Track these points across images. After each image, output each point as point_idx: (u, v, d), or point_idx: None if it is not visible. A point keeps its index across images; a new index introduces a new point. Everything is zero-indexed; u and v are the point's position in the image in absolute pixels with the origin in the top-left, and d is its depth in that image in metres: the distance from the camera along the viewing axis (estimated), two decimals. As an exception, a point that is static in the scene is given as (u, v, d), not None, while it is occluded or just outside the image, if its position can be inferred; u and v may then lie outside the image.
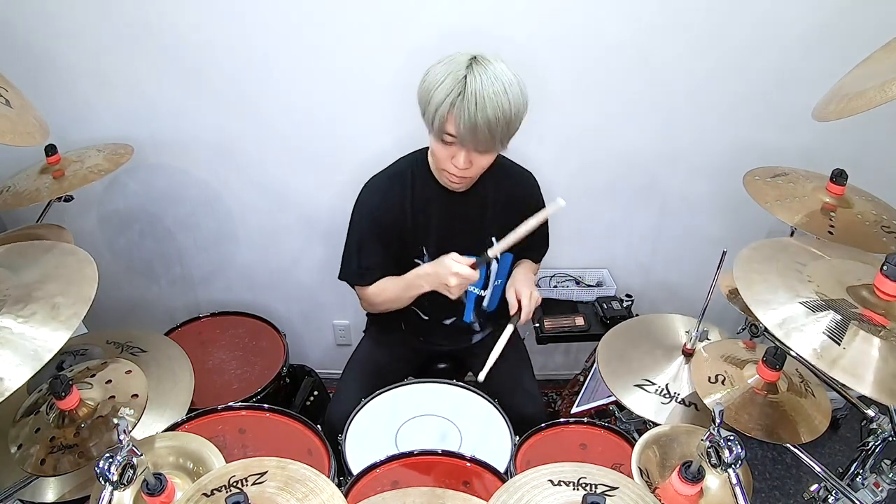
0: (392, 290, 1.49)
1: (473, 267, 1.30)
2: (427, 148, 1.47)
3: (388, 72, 1.72)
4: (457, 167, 1.30)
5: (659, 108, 1.81)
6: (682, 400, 1.29)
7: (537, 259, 1.70)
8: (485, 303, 1.61)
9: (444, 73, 1.21)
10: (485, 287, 1.58)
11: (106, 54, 1.70)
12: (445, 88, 1.20)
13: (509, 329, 1.37)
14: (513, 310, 1.42)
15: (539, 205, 1.58)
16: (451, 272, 1.29)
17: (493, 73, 1.21)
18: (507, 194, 1.44)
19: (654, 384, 1.33)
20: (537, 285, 2.07)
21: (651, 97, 1.79)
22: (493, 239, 1.53)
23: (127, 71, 1.72)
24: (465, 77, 1.19)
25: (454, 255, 1.32)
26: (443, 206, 1.46)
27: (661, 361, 1.38)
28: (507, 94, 1.20)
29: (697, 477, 0.95)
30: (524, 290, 1.43)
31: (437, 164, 1.37)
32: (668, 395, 1.30)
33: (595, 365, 1.70)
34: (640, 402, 1.30)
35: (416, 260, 1.50)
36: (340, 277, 1.56)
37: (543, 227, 1.65)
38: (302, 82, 1.76)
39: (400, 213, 1.44)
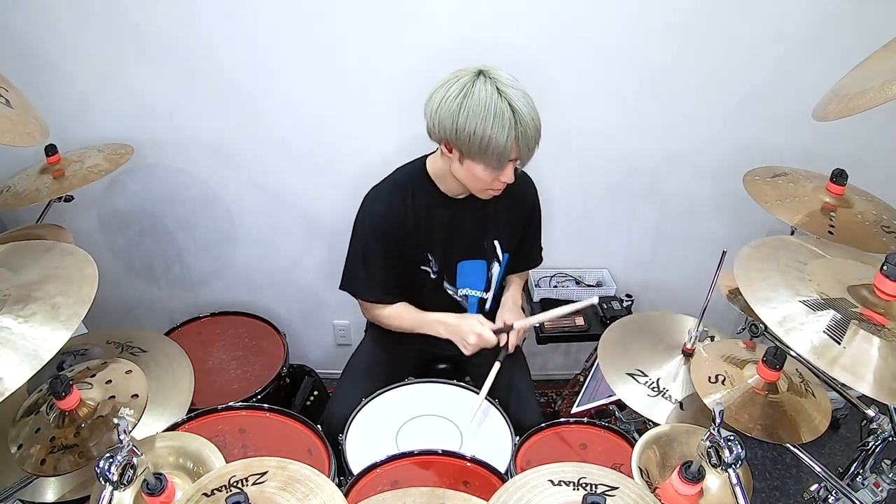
0: (407, 321, 1.53)
1: (496, 332, 1.42)
2: (424, 157, 1.47)
3: (390, 73, 1.72)
4: (506, 181, 1.32)
5: (659, 108, 1.81)
6: (670, 397, 1.29)
7: (533, 265, 1.70)
8: (487, 305, 1.62)
9: (480, 106, 1.20)
10: (487, 289, 1.58)
11: (106, 54, 1.70)
12: (500, 125, 1.20)
13: (496, 367, 1.44)
14: (501, 341, 1.48)
15: (536, 203, 1.58)
16: (473, 331, 1.40)
17: (511, 83, 1.23)
18: (506, 195, 1.44)
19: (646, 376, 1.33)
20: (537, 285, 2.07)
21: (651, 97, 1.79)
22: (496, 243, 1.53)
23: (127, 71, 1.72)
24: (509, 104, 1.20)
25: (480, 316, 1.45)
26: (445, 213, 1.46)
27: (660, 358, 1.38)
28: (529, 97, 1.24)
29: (697, 477, 0.95)
30: (513, 322, 1.49)
31: (480, 186, 1.34)
32: (656, 390, 1.31)
33: (595, 365, 1.70)
34: (628, 391, 1.30)
35: (423, 267, 1.51)
36: (343, 288, 1.55)
37: (536, 234, 1.65)
38: (302, 83, 1.76)
39: (403, 221, 1.45)
